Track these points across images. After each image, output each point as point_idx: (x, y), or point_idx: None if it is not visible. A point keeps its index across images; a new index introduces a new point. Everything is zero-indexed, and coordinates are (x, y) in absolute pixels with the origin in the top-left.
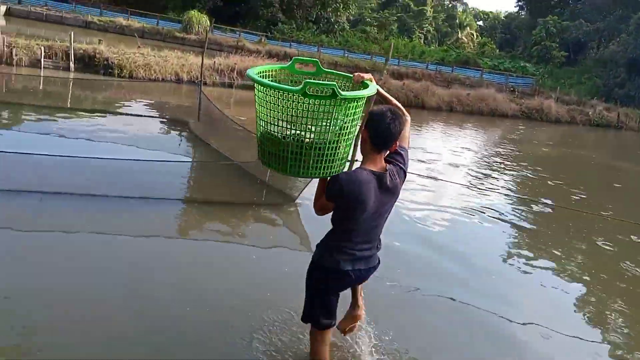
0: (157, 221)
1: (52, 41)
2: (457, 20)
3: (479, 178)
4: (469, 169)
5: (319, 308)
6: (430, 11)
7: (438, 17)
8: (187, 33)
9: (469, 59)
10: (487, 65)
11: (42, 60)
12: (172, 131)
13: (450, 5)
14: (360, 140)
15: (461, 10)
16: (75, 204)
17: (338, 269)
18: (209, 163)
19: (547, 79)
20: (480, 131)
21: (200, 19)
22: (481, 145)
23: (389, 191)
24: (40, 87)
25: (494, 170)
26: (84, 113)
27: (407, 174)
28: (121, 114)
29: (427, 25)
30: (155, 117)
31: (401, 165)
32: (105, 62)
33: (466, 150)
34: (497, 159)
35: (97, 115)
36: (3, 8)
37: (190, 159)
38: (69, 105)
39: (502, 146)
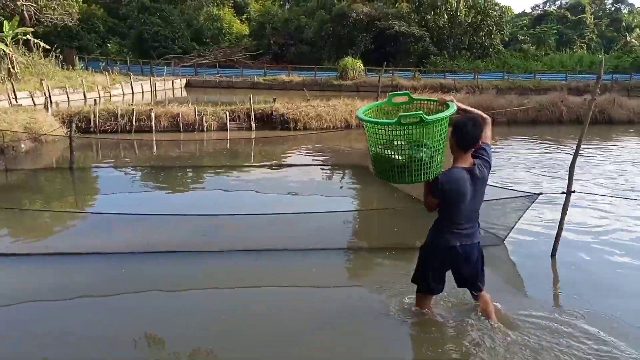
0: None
1: (234, 105)
2: (624, 23)
3: None
4: None
5: (423, 277)
6: (590, 18)
7: (601, 23)
8: (343, 79)
9: None
10: None
11: (228, 123)
12: (350, 177)
13: (613, 9)
14: (450, 145)
15: (627, 12)
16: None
17: (449, 245)
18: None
19: None
20: None
21: (354, 65)
22: None
23: (479, 180)
24: (228, 147)
25: None
26: (267, 169)
27: None
28: (301, 165)
29: (589, 33)
30: (334, 165)
31: (486, 158)
32: (281, 118)
33: None
34: None
35: (277, 169)
36: (183, 81)
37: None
38: (255, 162)
39: None
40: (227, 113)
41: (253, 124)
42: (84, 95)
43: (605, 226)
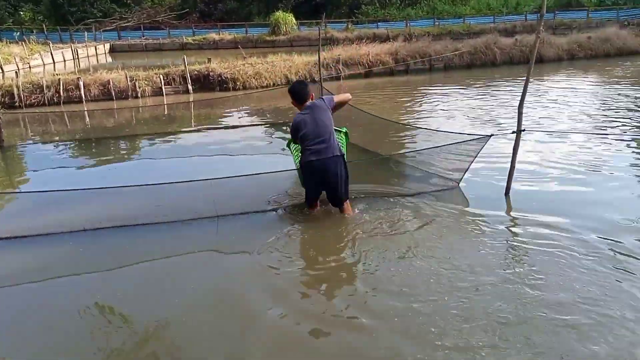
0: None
1: (167, 68)
2: None
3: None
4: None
5: (307, 187)
6: None
7: None
8: (275, 35)
9: (571, 0)
10: (591, 3)
11: (163, 87)
12: None
13: None
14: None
15: None
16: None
17: (307, 160)
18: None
19: None
20: (610, 74)
21: (286, 19)
22: (619, 89)
23: (316, 108)
24: (165, 113)
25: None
26: (211, 130)
27: None
28: (245, 125)
29: None
30: (275, 122)
31: (322, 98)
32: (219, 79)
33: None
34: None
35: (218, 130)
36: (107, 46)
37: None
38: (194, 124)
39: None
40: (161, 77)
41: (190, 87)
42: (1, 68)
43: (552, 161)
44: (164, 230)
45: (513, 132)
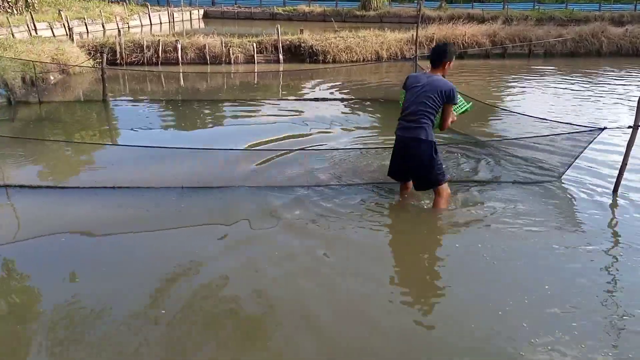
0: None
1: (260, 36)
2: None
3: None
4: None
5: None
6: None
7: None
8: (365, 10)
9: None
10: None
11: (255, 55)
12: (383, 111)
13: None
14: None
15: None
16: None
17: (395, 134)
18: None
19: None
20: None
21: None
22: None
23: (432, 84)
24: (256, 81)
25: None
26: (291, 101)
27: None
28: (332, 99)
29: None
30: (364, 98)
31: (445, 91)
32: (310, 50)
33: None
34: None
35: (302, 101)
36: (201, 12)
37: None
38: (281, 95)
39: None
40: (254, 45)
41: (281, 57)
42: (103, 26)
43: None
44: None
45: (629, 127)
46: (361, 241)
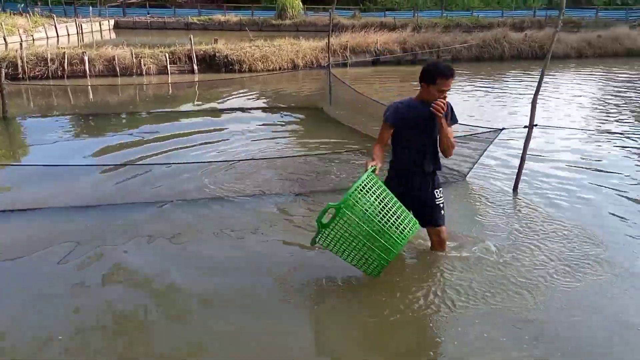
0: None
1: (173, 47)
2: None
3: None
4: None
5: None
6: None
7: None
8: (281, 19)
9: None
10: (600, 1)
11: (168, 66)
12: (307, 117)
13: None
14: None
15: None
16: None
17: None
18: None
19: None
20: (614, 74)
21: (292, 3)
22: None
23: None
24: (170, 92)
25: None
26: (215, 113)
27: None
28: (251, 108)
29: None
30: (285, 106)
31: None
32: (225, 60)
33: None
34: None
35: (226, 113)
36: (112, 22)
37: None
38: (198, 106)
39: None
40: (167, 55)
41: (195, 67)
42: (4, 39)
43: (564, 158)
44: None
45: (525, 127)
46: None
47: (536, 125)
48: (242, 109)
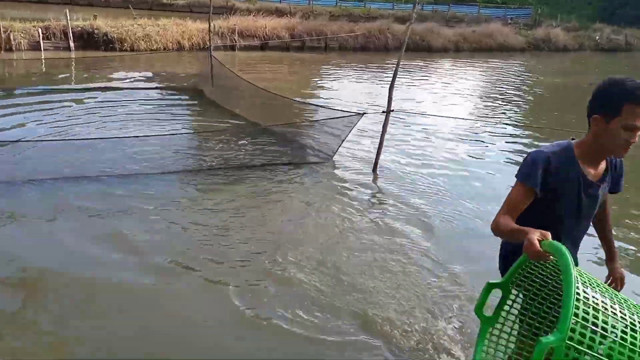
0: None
1: (47, 21)
2: None
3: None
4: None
5: None
6: None
7: None
8: None
9: None
10: None
11: (42, 41)
12: (187, 101)
13: None
14: None
15: None
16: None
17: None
18: (240, 129)
19: (544, 8)
20: (487, 67)
21: None
22: (494, 80)
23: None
24: (44, 70)
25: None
26: (91, 91)
27: None
28: (129, 88)
29: None
30: (166, 88)
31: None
32: (104, 38)
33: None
34: (505, 93)
35: (102, 91)
36: None
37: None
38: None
39: (513, 79)
40: (40, 30)
41: (72, 44)
42: None
43: (420, 140)
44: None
45: (383, 112)
46: None
47: (393, 110)
48: (121, 89)
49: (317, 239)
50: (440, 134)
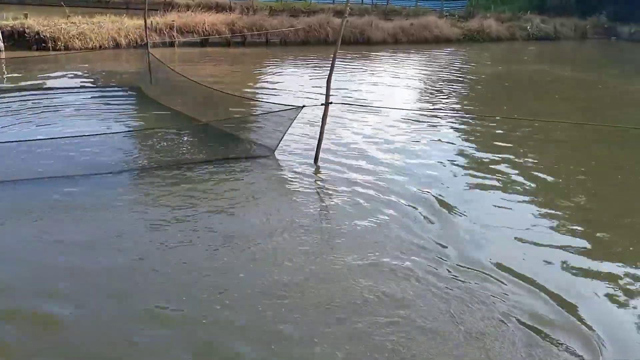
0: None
1: None
2: None
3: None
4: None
5: None
6: None
7: None
8: None
9: None
10: None
11: None
12: (126, 99)
13: None
14: None
15: None
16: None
17: None
18: (181, 126)
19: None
20: (425, 58)
21: None
22: (431, 71)
23: None
24: None
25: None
26: (23, 92)
27: None
28: (64, 87)
29: None
30: (103, 86)
31: None
32: (37, 37)
33: (418, 78)
34: (443, 84)
35: (35, 91)
36: None
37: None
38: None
39: (449, 70)
40: None
41: (1, 44)
42: None
43: (361, 131)
44: None
45: (322, 104)
46: None
47: (331, 102)
48: (55, 89)
49: (262, 232)
50: (381, 124)
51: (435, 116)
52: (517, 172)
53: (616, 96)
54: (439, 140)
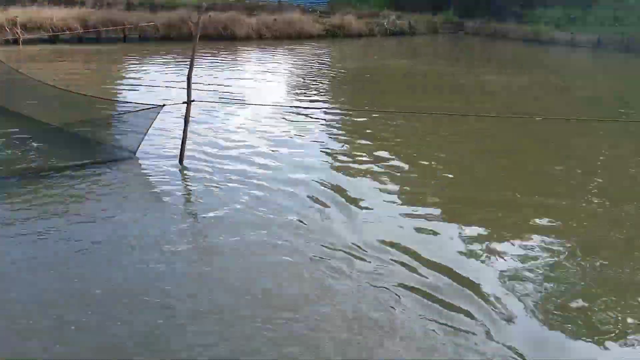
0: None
1: None
2: None
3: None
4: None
5: None
6: None
7: None
8: None
9: None
10: None
11: None
12: None
13: None
14: None
15: None
16: None
17: None
18: (32, 131)
19: None
20: (290, 54)
21: None
22: (297, 66)
23: None
24: None
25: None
26: None
27: None
28: None
29: None
30: None
31: None
32: None
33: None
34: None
35: None
36: None
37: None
38: None
39: (315, 65)
40: None
41: None
42: None
43: (227, 128)
44: None
45: (184, 103)
46: None
47: (194, 100)
48: None
49: (126, 238)
50: (250, 120)
51: (305, 111)
52: (389, 157)
53: (466, 84)
54: (309, 133)
